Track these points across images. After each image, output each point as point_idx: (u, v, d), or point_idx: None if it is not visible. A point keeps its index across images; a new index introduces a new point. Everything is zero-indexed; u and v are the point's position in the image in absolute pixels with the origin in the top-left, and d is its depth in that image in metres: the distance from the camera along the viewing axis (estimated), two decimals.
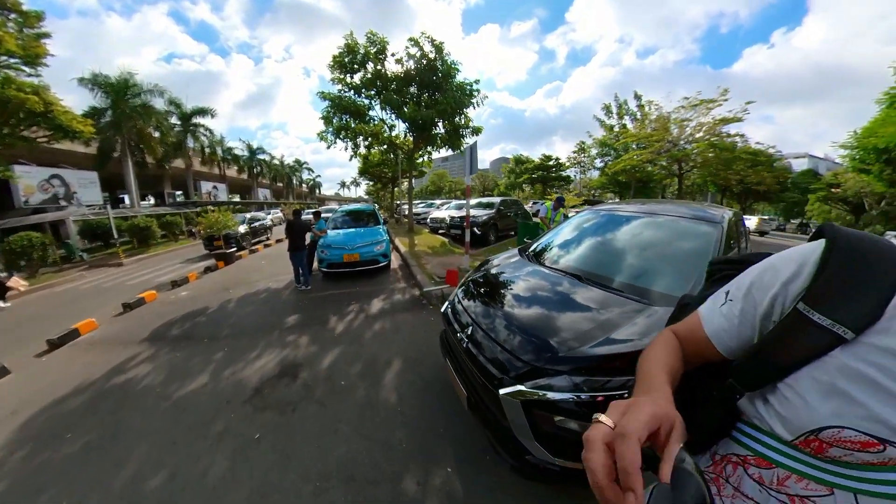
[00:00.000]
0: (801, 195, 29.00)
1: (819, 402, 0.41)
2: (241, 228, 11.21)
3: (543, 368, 1.64)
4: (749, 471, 0.51)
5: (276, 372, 3.15)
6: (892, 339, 0.38)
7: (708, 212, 2.74)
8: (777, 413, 0.46)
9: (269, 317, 4.59)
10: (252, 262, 9.01)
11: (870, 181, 16.06)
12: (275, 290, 5.93)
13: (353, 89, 10.77)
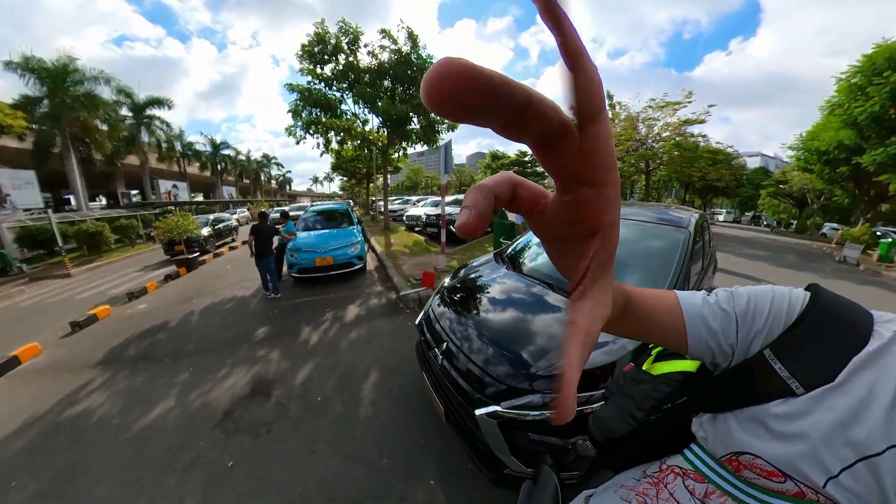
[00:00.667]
0: (754, 190, 31.65)
1: (748, 431, 0.47)
2: (205, 231, 10.57)
3: (519, 388, 1.66)
4: (686, 482, 0.56)
5: (248, 391, 3.03)
6: (834, 398, 0.42)
7: (675, 216, 2.87)
8: (715, 430, 0.51)
9: (236, 330, 4.37)
10: (217, 266, 8.54)
11: (812, 179, 18.01)
12: (242, 298, 5.65)
13: (324, 81, 10.32)
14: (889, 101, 9.58)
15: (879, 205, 15.53)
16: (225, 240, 12.97)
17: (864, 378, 0.41)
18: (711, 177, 22.34)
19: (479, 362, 1.86)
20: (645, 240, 2.64)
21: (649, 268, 2.39)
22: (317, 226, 7.41)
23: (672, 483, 0.58)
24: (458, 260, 7.34)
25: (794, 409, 0.43)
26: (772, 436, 0.44)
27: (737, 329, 0.49)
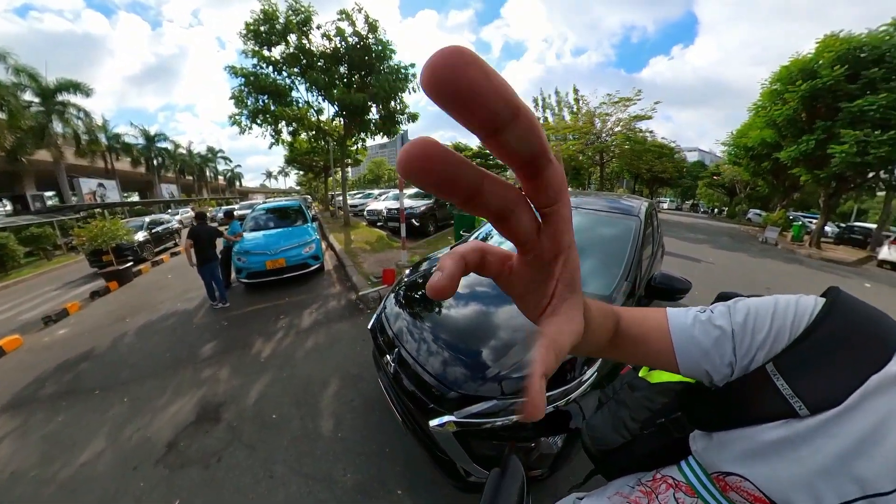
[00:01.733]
0: (692, 181, 35.46)
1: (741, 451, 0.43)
2: (139, 236, 9.50)
3: (474, 395, 1.61)
4: (676, 494, 0.55)
5: (194, 418, 2.79)
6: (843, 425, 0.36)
7: (627, 204, 2.96)
8: (708, 445, 0.48)
9: (179, 349, 3.98)
10: (156, 277, 7.73)
11: (740, 172, 20.28)
12: (185, 312, 5.16)
13: (272, 65, 9.44)
14: (801, 106, 10.95)
15: (793, 194, 17.92)
16: (165, 245, 11.76)
17: (881, 403, 0.35)
18: (657, 169, 24.62)
19: (432, 369, 1.79)
20: (600, 228, 2.71)
21: (606, 253, 2.45)
22: (267, 225, 6.92)
23: (664, 494, 0.57)
24: (420, 255, 7.28)
25: (795, 433, 0.38)
26: (764, 460, 0.40)
27: (734, 346, 0.44)
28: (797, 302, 0.43)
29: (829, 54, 10.08)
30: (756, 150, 14.83)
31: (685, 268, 7.63)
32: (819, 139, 10.69)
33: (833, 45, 10.19)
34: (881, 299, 7.18)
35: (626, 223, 2.61)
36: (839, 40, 10.22)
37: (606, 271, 2.26)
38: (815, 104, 10.71)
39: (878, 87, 9.31)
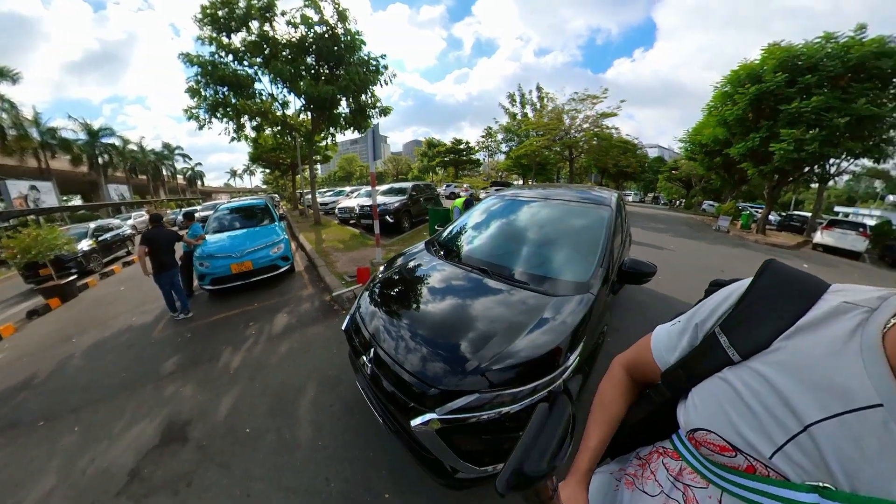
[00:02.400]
0: (653, 175, 38.21)
1: (702, 407, 0.50)
2: (83, 244, 8.58)
3: (455, 390, 1.58)
4: (664, 460, 0.62)
5: (157, 440, 2.59)
6: (767, 364, 0.43)
7: (600, 195, 3.03)
8: (685, 410, 0.55)
9: (136, 367, 3.66)
10: (106, 290, 7.05)
11: (696, 167, 22.34)
12: (142, 326, 4.75)
13: (232, 54, 8.76)
14: (748, 107, 12.15)
15: (741, 186, 19.89)
16: (116, 253, 10.70)
17: (802, 343, 0.41)
18: (623, 164, 26.23)
19: (410, 366, 1.73)
20: (575, 217, 2.77)
21: (581, 241, 2.52)
22: (231, 226, 6.48)
23: (654, 462, 0.65)
24: (395, 251, 7.16)
25: (734, 376, 0.46)
26: (719, 409, 0.46)
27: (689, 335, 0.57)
28: (738, 282, 0.54)
29: (773, 61, 11.24)
30: (709, 146, 16.21)
31: (649, 255, 8.05)
32: (763, 137, 11.86)
33: (776, 52, 11.36)
34: (816, 274, 8.01)
35: (598, 213, 2.69)
36: (781, 49, 11.41)
37: (583, 259, 2.33)
38: (761, 105, 11.87)
39: (812, 92, 10.50)
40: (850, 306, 0.40)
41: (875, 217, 23.25)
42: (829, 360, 0.38)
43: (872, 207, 25.93)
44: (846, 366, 0.37)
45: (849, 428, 0.35)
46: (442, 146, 40.74)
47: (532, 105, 29.83)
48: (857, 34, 10.32)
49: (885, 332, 0.36)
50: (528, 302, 1.97)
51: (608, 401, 0.71)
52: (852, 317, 0.39)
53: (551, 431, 0.55)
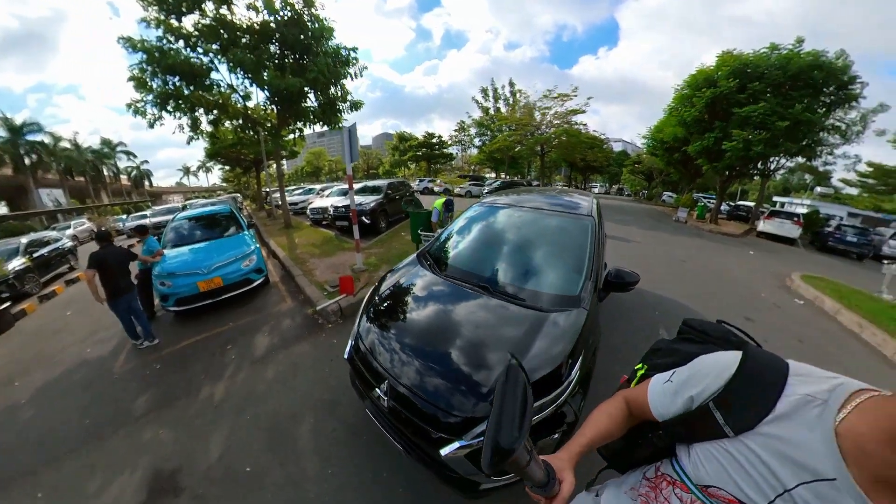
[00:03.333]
0: (618, 168, 40.26)
1: (710, 468, 0.63)
2: (14, 264, 7.45)
3: (478, 417, 1.63)
4: (675, 490, 0.73)
5: (144, 496, 2.33)
6: (755, 443, 0.57)
7: (580, 205, 3.13)
8: (692, 463, 0.67)
9: (100, 410, 3.23)
10: (48, 316, 6.23)
11: (657, 161, 24.17)
12: (100, 359, 4.21)
13: (184, 39, 7.84)
14: (704, 109, 13.46)
15: (697, 179, 21.88)
16: (57, 269, 9.41)
17: (775, 428, 0.56)
18: (590, 158, 27.86)
19: (431, 397, 1.75)
20: (563, 231, 2.87)
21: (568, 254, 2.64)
22: (191, 237, 5.88)
23: (665, 489, 0.76)
24: (375, 255, 6.95)
25: (732, 447, 0.60)
26: (726, 473, 0.60)
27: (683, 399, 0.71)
28: (722, 360, 0.69)
29: (726, 68, 12.53)
30: (669, 143, 17.77)
31: (619, 247, 8.53)
32: (717, 137, 13.21)
33: (728, 60, 12.67)
34: (758, 261, 8.95)
35: (582, 224, 2.81)
36: (733, 57, 12.75)
37: (571, 272, 2.45)
38: (716, 108, 13.18)
39: (759, 98, 11.86)
40: (810, 398, 0.55)
41: (805, 206, 26.41)
42: (801, 444, 0.53)
43: (804, 197, 30.03)
44: (813, 449, 0.51)
45: (814, 492, 0.50)
46: (414, 140, 39.82)
47: (505, 100, 30.15)
48: (795, 47, 11.63)
49: (837, 426, 0.50)
50: (529, 320, 2.04)
51: (610, 413, 0.84)
52: (812, 408, 0.54)
53: (512, 401, 0.62)
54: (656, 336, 4.13)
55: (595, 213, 2.94)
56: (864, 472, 0.47)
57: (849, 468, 0.48)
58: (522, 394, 0.63)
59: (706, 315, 4.76)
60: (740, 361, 0.64)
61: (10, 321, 5.99)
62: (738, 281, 6.82)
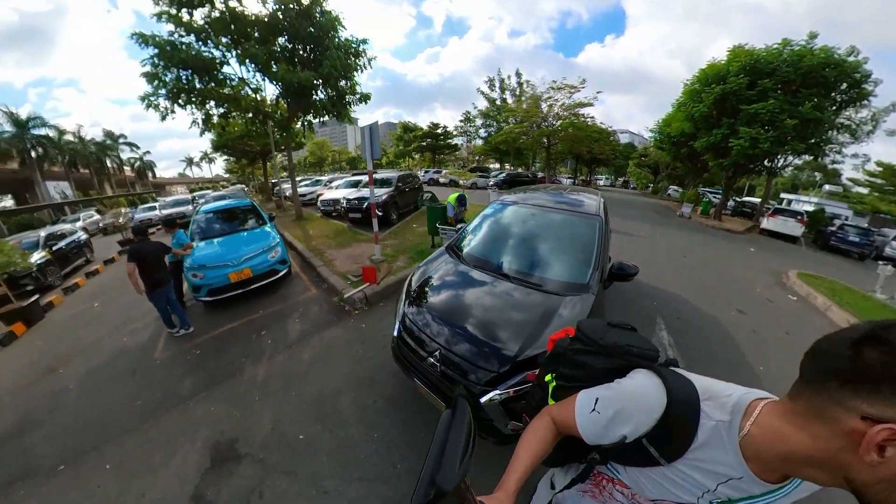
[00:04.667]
0: (624, 161, 39.95)
1: (652, 486, 0.76)
2: (36, 257, 7.60)
3: (507, 372, 2.01)
4: (616, 487, 0.86)
5: (208, 463, 2.55)
6: (685, 466, 0.69)
7: (588, 203, 3.50)
8: (630, 478, 0.81)
9: (150, 393, 3.43)
10: (76, 308, 6.39)
11: (663, 155, 24.42)
12: (138, 347, 4.40)
13: (195, 34, 7.91)
14: (713, 105, 13.14)
15: (703, 174, 21.70)
16: (75, 263, 9.52)
17: (702, 455, 0.67)
18: (596, 151, 27.45)
19: (472, 359, 2.12)
20: (575, 228, 3.21)
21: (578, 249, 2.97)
22: (217, 230, 6.05)
23: (607, 486, 0.89)
24: (391, 246, 7.13)
25: (669, 472, 0.72)
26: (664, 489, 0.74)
27: (610, 432, 0.77)
28: (646, 400, 0.73)
29: (737, 63, 12.29)
30: (677, 138, 17.60)
31: (624, 242, 8.67)
32: (724, 133, 13.06)
33: (740, 55, 12.44)
34: (757, 257, 9.08)
35: (590, 223, 3.16)
36: (745, 52, 12.50)
37: (581, 264, 2.81)
38: (724, 104, 13.01)
39: (768, 95, 11.60)
40: (721, 424, 0.65)
41: (813, 203, 26.17)
42: (719, 461, 0.65)
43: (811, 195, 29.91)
44: (727, 463, 0.64)
45: (729, 486, 0.65)
46: (419, 130, 39.43)
47: (511, 91, 29.69)
48: (808, 42, 11.43)
49: (741, 440, 0.62)
50: (547, 301, 2.42)
51: (539, 438, 0.86)
52: (722, 432, 0.65)
53: (457, 437, 0.59)
54: (653, 323, 4.38)
55: (602, 212, 3.28)
56: (763, 468, 0.61)
57: (751, 467, 0.62)
58: (468, 430, 0.60)
59: (699, 307, 5.02)
60: (667, 405, 0.70)
61: (40, 313, 6.18)
62: (735, 276, 6.95)
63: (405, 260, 6.23)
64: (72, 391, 3.70)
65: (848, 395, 0.50)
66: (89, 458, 2.76)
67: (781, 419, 0.59)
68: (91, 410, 3.33)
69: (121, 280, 7.66)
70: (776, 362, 3.70)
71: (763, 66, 11.79)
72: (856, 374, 0.49)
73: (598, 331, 0.97)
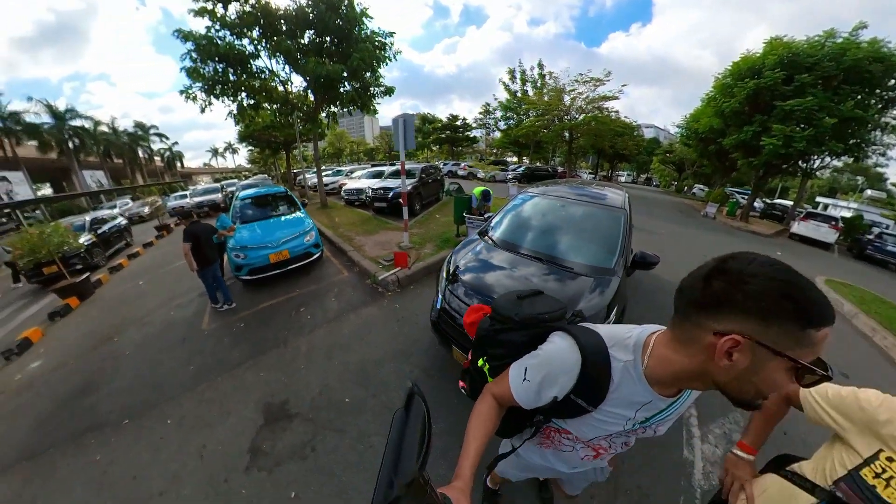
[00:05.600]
0: (647, 157, 38.91)
1: (587, 430, 0.89)
2: (84, 239, 8.13)
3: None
4: (563, 436, 1.00)
5: (262, 420, 2.73)
6: (609, 406, 0.80)
7: (615, 198, 3.63)
8: (571, 426, 0.93)
9: (201, 359, 3.66)
10: (123, 286, 6.82)
11: (689, 152, 23.63)
12: (185, 320, 4.68)
13: (229, 28, 8.27)
14: (746, 101, 12.34)
15: (731, 173, 20.81)
16: (117, 246, 10.19)
17: (620, 393, 0.78)
18: (619, 146, 26.75)
19: None
20: (602, 219, 3.37)
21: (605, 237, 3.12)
22: (255, 215, 6.38)
23: (555, 436, 1.03)
24: (417, 235, 7.25)
25: (595, 416, 0.83)
26: (597, 431, 0.88)
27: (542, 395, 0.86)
28: (566, 361, 0.82)
29: (773, 57, 11.47)
30: (705, 134, 16.79)
31: (645, 239, 8.44)
32: (756, 131, 12.31)
33: (777, 47, 11.58)
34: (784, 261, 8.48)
35: (616, 215, 3.31)
36: (783, 44, 11.62)
37: (607, 251, 2.98)
38: (757, 100, 12.20)
39: (806, 91, 10.76)
40: (628, 363, 0.76)
41: (851, 210, 24.40)
42: (633, 393, 0.77)
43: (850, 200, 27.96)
44: (639, 392, 0.76)
45: (644, 409, 0.79)
46: (437, 122, 39.23)
47: (532, 82, 28.98)
48: (853, 34, 10.50)
49: (644, 372, 0.74)
50: (579, 281, 2.63)
51: (485, 417, 0.90)
52: (631, 370, 0.76)
53: (412, 434, 0.57)
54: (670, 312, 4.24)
55: (627, 206, 3.46)
56: (663, 388, 0.75)
57: (656, 390, 0.75)
58: (423, 424, 0.58)
59: None
60: (582, 361, 0.79)
61: (91, 289, 6.62)
62: None
63: (432, 247, 6.33)
64: (129, 356, 3.98)
65: (703, 318, 0.62)
66: (151, 414, 2.97)
67: (667, 348, 0.72)
68: (148, 373, 3.58)
69: (162, 261, 8.13)
70: None
71: (802, 59, 10.89)
72: (706, 300, 0.61)
73: (510, 308, 1.04)
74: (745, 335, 0.56)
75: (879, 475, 0.78)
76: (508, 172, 22.28)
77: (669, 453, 2.37)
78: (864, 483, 0.79)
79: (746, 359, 0.58)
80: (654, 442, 2.28)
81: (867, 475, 0.79)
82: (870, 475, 0.79)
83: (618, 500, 2.05)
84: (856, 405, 0.86)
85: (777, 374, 0.58)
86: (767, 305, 0.55)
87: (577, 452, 1.01)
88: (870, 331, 4.59)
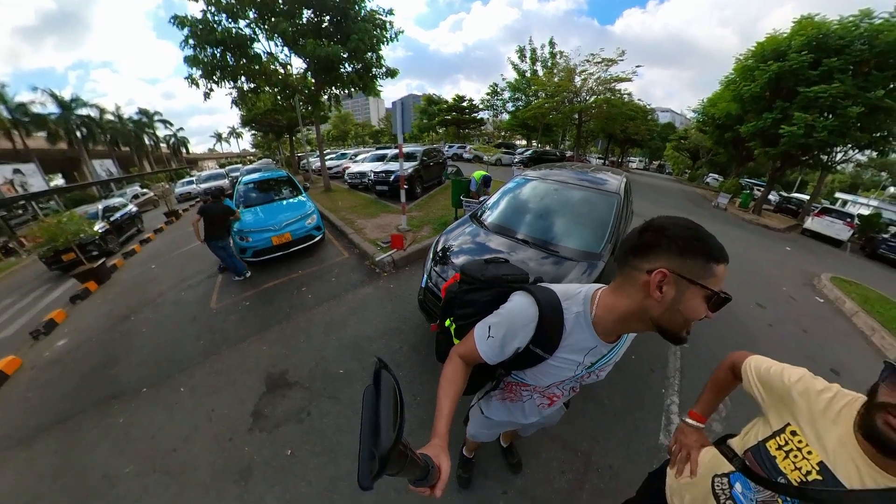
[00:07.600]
0: (661, 143, 37.04)
1: (544, 377, 1.00)
2: (98, 227, 8.49)
3: None
4: (524, 390, 1.13)
5: (265, 388, 2.98)
6: (563, 353, 0.91)
7: (609, 183, 3.53)
8: (530, 376, 1.03)
9: (210, 335, 3.94)
10: (137, 270, 7.17)
11: (704, 139, 22.79)
12: (195, 300, 4.97)
13: (226, 12, 8.20)
14: (767, 85, 11.52)
15: (748, 163, 19.55)
16: (128, 233, 10.61)
17: (572, 340, 0.89)
18: (631, 131, 25.51)
19: None
20: (593, 203, 3.29)
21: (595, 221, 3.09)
22: (258, 199, 6.57)
23: (516, 390, 1.15)
24: (417, 218, 7.36)
25: (550, 364, 0.94)
26: (553, 378, 1.00)
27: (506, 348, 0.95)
28: (526, 314, 0.91)
29: (801, 38, 10.48)
30: (722, 120, 15.81)
31: None
32: (776, 118, 11.47)
33: (807, 27, 10.57)
34: (792, 257, 8.44)
35: (609, 199, 3.25)
36: (813, 24, 10.59)
37: (596, 236, 2.95)
38: (779, 85, 11.32)
39: (833, 77, 9.91)
40: (579, 314, 0.87)
41: (871, 207, 22.94)
42: (582, 340, 0.88)
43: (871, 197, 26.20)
44: (587, 338, 0.88)
45: (591, 354, 0.92)
46: (443, 103, 37.81)
47: (542, 62, 27.69)
48: (893, 15, 9.46)
49: (592, 321, 0.86)
50: (561, 263, 2.65)
51: (452, 378, 0.96)
52: (581, 319, 0.87)
53: (385, 404, 0.57)
54: None
55: (622, 191, 3.34)
56: (607, 334, 0.87)
57: (601, 337, 0.87)
58: (394, 398, 0.60)
59: None
60: (538, 313, 0.89)
61: (108, 273, 6.98)
62: (763, 272, 6.62)
63: (429, 230, 6.46)
64: (144, 333, 4.28)
65: (638, 261, 0.76)
66: (166, 383, 3.26)
67: (610, 295, 0.85)
68: (162, 348, 3.87)
69: (172, 245, 8.45)
70: (787, 356, 3.57)
71: (833, 41, 9.89)
72: (640, 247, 0.76)
73: (478, 270, 1.15)
74: (669, 269, 0.71)
75: (781, 447, 0.83)
76: (514, 156, 21.83)
77: (646, 438, 2.46)
78: (767, 453, 0.85)
79: (672, 290, 0.72)
80: (632, 426, 2.51)
81: (771, 446, 0.85)
82: (773, 447, 0.85)
83: (588, 476, 2.18)
84: (778, 380, 0.89)
85: (695, 300, 0.72)
86: (683, 245, 0.71)
87: (534, 401, 1.16)
88: (869, 330, 4.55)
